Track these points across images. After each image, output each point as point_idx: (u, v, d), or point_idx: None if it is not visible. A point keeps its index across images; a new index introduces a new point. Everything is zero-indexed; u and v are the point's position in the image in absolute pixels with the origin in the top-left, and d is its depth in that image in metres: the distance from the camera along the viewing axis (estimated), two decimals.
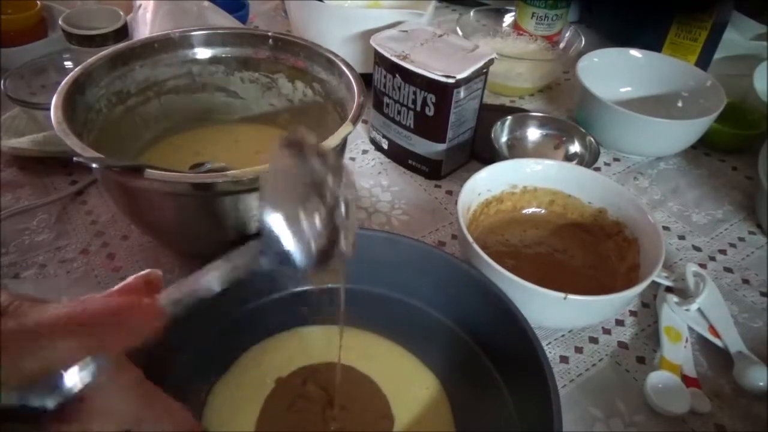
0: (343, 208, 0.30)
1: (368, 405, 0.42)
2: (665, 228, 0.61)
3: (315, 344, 0.46)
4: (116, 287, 0.29)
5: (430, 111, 0.58)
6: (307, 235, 0.30)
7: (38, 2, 0.76)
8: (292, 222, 0.29)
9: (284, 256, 0.29)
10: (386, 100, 0.62)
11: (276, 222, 0.29)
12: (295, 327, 0.47)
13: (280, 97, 0.60)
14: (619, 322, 0.51)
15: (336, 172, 0.30)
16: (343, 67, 0.53)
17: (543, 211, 0.57)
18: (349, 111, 0.48)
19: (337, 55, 0.54)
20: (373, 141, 0.68)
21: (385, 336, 0.47)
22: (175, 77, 0.57)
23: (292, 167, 0.30)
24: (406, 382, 0.44)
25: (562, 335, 0.50)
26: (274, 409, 0.42)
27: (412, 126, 0.61)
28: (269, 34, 0.57)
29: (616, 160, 0.70)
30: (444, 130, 0.59)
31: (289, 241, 0.29)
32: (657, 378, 0.46)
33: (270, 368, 0.44)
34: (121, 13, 0.73)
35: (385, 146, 0.66)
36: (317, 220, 0.30)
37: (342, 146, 0.49)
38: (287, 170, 0.30)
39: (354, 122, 0.46)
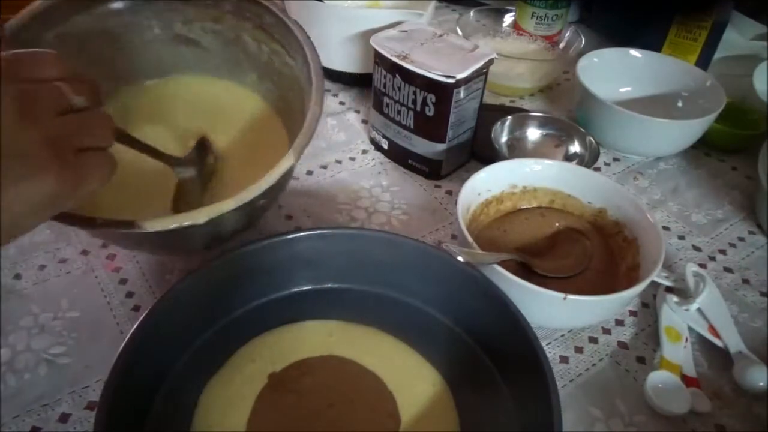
0: None
1: (373, 402, 0.42)
2: (665, 228, 0.61)
3: (313, 338, 0.46)
4: None
5: (430, 111, 0.58)
6: None
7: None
8: None
9: None
10: (386, 100, 0.62)
11: None
12: (294, 322, 0.47)
13: (246, 54, 0.54)
14: (619, 322, 0.51)
15: None
16: (310, 60, 0.47)
17: None
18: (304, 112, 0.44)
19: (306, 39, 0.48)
20: (373, 141, 0.68)
21: (388, 332, 0.46)
22: (131, 25, 0.52)
23: None
24: (412, 378, 0.44)
25: (562, 335, 0.50)
26: (267, 406, 0.41)
27: (412, 126, 0.61)
28: None
29: (616, 160, 0.70)
30: (444, 130, 0.59)
31: None
32: (657, 378, 0.46)
33: (265, 363, 0.44)
34: None
35: (385, 146, 0.66)
36: None
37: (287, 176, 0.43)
38: None
39: (298, 153, 0.42)
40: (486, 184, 0.53)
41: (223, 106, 0.56)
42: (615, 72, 0.74)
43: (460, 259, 0.42)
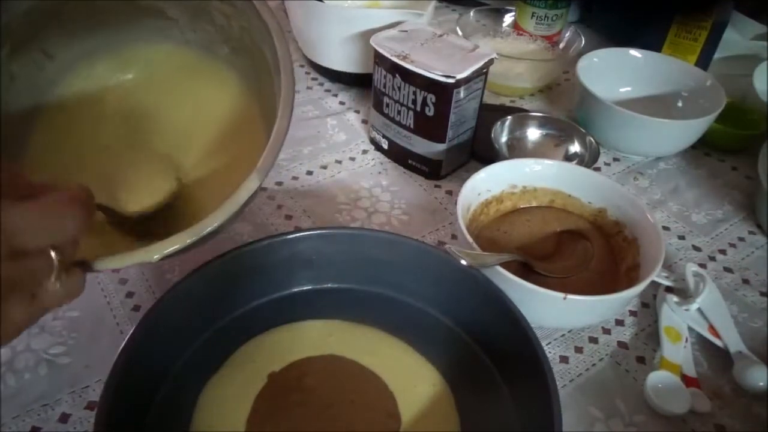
0: None
1: (373, 402, 0.42)
2: (665, 228, 0.61)
3: (313, 337, 0.46)
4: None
5: (430, 111, 0.58)
6: None
7: None
8: None
9: None
10: (386, 100, 0.62)
11: None
12: (294, 322, 0.47)
13: (215, 26, 0.47)
14: (619, 322, 0.51)
15: None
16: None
17: None
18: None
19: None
20: (373, 141, 0.68)
21: (388, 332, 0.46)
22: None
23: None
24: (412, 378, 0.44)
25: (562, 335, 0.50)
26: (266, 406, 0.41)
27: (412, 126, 0.61)
28: None
29: (616, 160, 0.70)
30: (444, 130, 0.59)
31: None
32: (657, 378, 0.46)
33: (265, 363, 0.44)
34: None
35: (385, 146, 0.66)
36: None
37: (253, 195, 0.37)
38: None
39: (263, 174, 0.36)
40: (486, 184, 0.53)
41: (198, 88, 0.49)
42: (615, 72, 0.74)
43: (463, 262, 0.42)
